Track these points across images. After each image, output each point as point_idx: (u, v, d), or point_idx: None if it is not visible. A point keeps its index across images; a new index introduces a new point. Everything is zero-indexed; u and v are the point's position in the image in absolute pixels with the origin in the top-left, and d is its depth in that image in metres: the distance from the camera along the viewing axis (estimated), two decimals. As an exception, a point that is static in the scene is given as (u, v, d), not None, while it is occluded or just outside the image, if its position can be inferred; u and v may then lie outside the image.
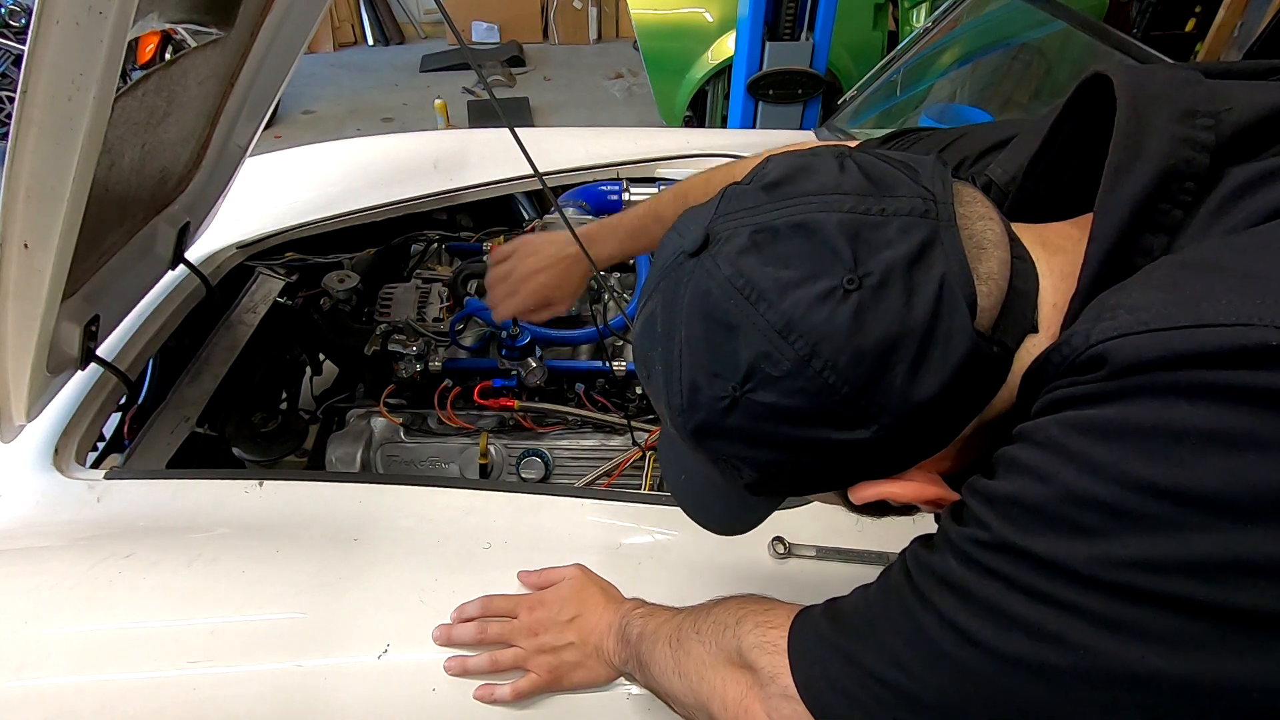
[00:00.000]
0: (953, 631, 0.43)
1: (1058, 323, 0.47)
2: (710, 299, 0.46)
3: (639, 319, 0.53)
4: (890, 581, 0.50)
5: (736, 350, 0.45)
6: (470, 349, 1.36)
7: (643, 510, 0.96)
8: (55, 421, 1.08)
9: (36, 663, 0.79)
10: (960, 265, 0.44)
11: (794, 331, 0.43)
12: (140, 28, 0.87)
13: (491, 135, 1.75)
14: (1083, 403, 0.39)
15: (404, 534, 0.92)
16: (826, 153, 0.50)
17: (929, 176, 0.47)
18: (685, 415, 0.49)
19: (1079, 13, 1.59)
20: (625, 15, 5.26)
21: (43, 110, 0.63)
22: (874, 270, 0.43)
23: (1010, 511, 0.41)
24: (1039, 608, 0.39)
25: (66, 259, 0.77)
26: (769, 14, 2.71)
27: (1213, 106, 0.45)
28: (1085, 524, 0.37)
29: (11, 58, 4.06)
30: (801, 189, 0.46)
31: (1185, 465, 0.35)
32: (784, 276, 0.44)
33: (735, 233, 0.46)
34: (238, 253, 1.46)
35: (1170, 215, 0.44)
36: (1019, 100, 1.99)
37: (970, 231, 0.46)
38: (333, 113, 5.05)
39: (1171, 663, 0.35)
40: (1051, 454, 0.39)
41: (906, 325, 0.42)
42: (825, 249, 0.44)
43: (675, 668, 0.68)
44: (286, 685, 0.80)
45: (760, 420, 0.46)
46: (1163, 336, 0.37)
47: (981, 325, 0.44)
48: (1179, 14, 3.97)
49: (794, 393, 0.44)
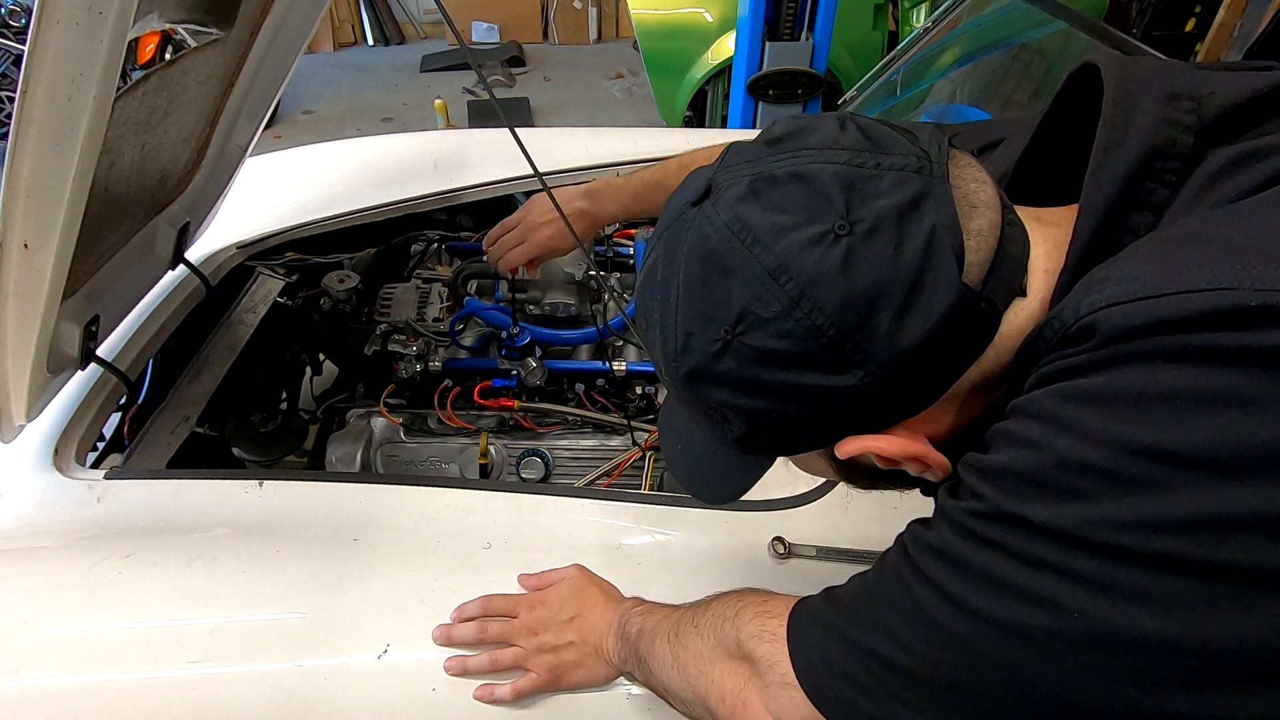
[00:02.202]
0: (948, 602, 0.43)
1: (1048, 289, 0.47)
2: (708, 244, 0.47)
3: (641, 273, 0.54)
4: (887, 561, 0.50)
5: (730, 293, 0.46)
6: (470, 349, 1.36)
7: (643, 510, 0.96)
8: (55, 421, 1.07)
9: (36, 663, 0.79)
10: (950, 219, 0.45)
11: (785, 273, 0.44)
12: (140, 28, 0.87)
13: (491, 135, 1.75)
14: (1074, 374, 0.40)
15: (404, 534, 0.92)
16: (829, 115, 0.51)
17: (926, 140, 0.48)
18: (679, 361, 0.50)
19: (1079, 13, 1.59)
20: (625, 15, 5.26)
21: (43, 110, 0.63)
22: (865, 218, 0.44)
23: (1005, 481, 0.41)
24: (1032, 573, 0.40)
25: (66, 259, 0.77)
26: (769, 14, 2.71)
27: (1196, 90, 0.47)
28: (1077, 488, 0.38)
29: (11, 58, 4.06)
30: (802, 143, 0.48)
31: (1170, 426, 0.36)
32: (779, 221, 0.45)
33: (735, 181, 0.48)
34: (238, 253, 1.46)
35: (1156, 194, 0.45)
36: (1019, 100, 1.99)
37: (964, 191, 0.47)
38: (333, 113, 5.05)
39: (1163, 624, 0.36)
40: (1044, 424, 0.40)
41: (894, 272, 0.44)
42: (820, 197, 0.45)
43: (674, 662, 0.68)
44: (286, 685, 0.80)
45: (750, 364, 0.47)
46: (1148, 304, 0.38)
47: (970, 279, 0.45)
48: (1179, 14, 3.97)
49: (783, 335, 0.45)
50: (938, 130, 0.50)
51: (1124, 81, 0.48)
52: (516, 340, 1.33)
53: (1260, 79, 0.47)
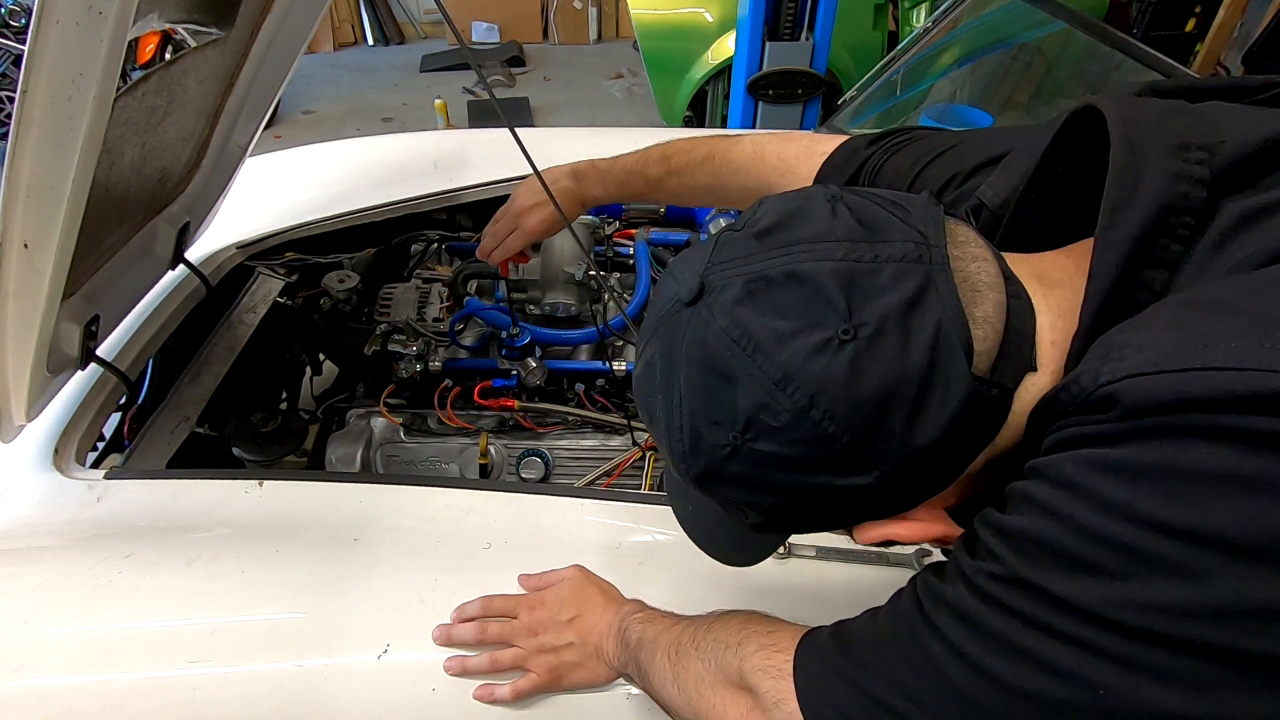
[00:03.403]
0: (964, 663, 0.43)
1: (1058, 360, 0.47)
2: (707, 348, 0.46)
3: (638, 364, 0.53)
4: (900, 609, 0.49)
5: (735, 400, 0.45)
6: (470, 349, 1.36)
7: (643, 510, 0.96)
8: (55, 421, 1.08)
9: (36, 663, 0.79)
10: (955, 310, 0.44)
11: (791, 383, 0.43)
12: (140, 28, 0.87)
13: (491, 135, 1.75)
14: (1096, 442, 0.39)
15: (404, 534, 0.92)
16: (819, 194, 0.49)
17: (921, 217, 0.47)
18: (688, 461, 0.49)
19: (1079, 13, 1.59)
20: (625, 15, 5.25)
21: (43, 110, 0.63)
22: (869, 319, 0.43)
23: (1024, 546, 0.41)
24: (1055, 644, 0.39)
25: (66, 259, 0.77)
26: (769, 14, 2.71)
27: (1206, 139, 0.45)
28: (1102, 563, 0.37)
29: (11, 58, 4.06)
30: (794, 236, 0.46)
31: (1202, 507, 0.35)
32: (780, 327, 0.44)
33: (729, 282, 0.46)
34: (238, 253, 1.46)
35: (1169, 250, 0.44)
36: (1019, 100, 1.99)
37: (965, 274, 0.46)
38: (333, 113, 5.05)
39: (1188, 704, 0.36)
40: (1065, 491, 0.39)
41: (903, 373, 0.43)
42: (819, 298, 0.44)
43: (673, 680, 0.67)
44: (286, 685, 0.80)
45: (762, 467, 0.46)
46: (1172, 378, 0.37)
47: (979, 369, 0.44)
48: (1179, 14, 3.98)
49: (794, 442, 0.44)
50: (932, 203, 0.49)
51: (1130, 131, 0.46)
52: (516, 340, 1.33)
53: (1272, 122, 0.46)
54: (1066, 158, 0.53)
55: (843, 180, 0.78)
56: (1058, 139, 0.53)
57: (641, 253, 1.51)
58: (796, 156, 0.86)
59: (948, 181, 0.66)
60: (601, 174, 1.07)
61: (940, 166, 0.68)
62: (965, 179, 0.65)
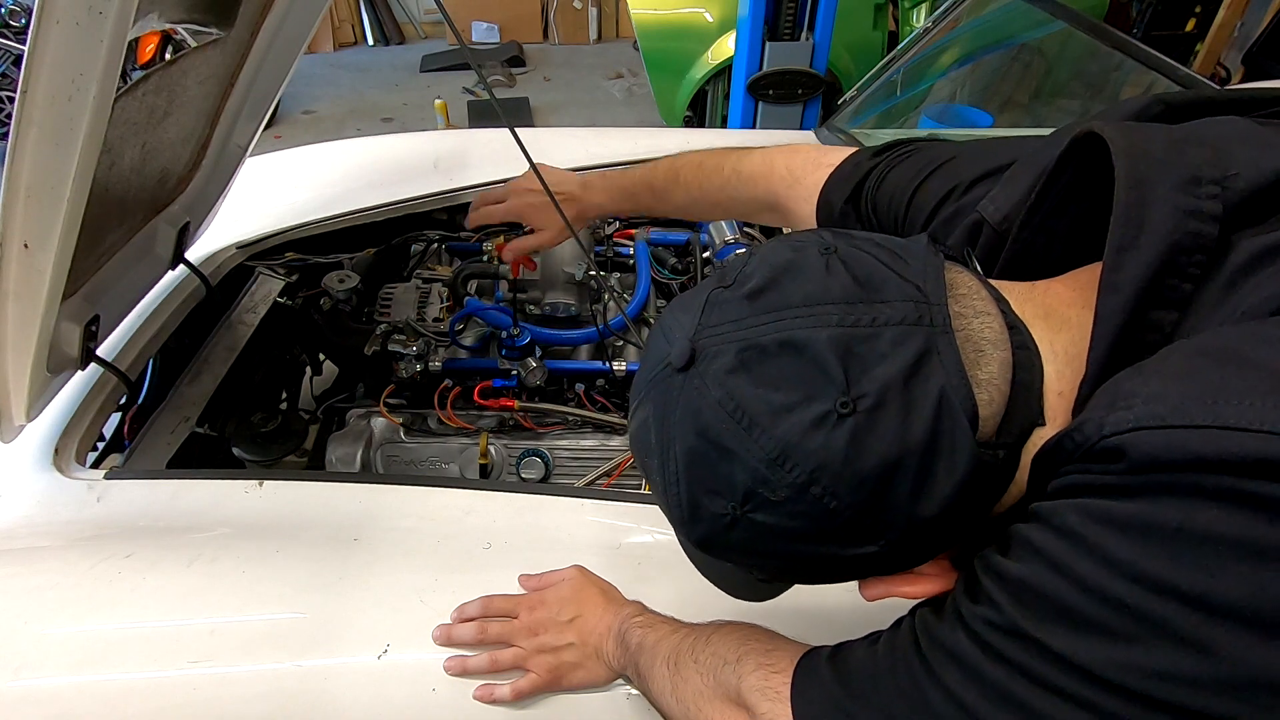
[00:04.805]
0: (960, 710, 0.42)
1: (1065, 412, 0.45)
2: (702, 419, 0.45)
3: (632, 422, 0.52)
4: (898, 643, 0.49)
5: (733, 473, 0.44)
6: (470, 349, 1.36)
7: (643, 510, 0.95)
8: (55, 421, 1.07)
9: (36, 663, 0.79)
10: (959, 375, 0.42)
11: (789, 459, 0.42)
12: (140, 28, 0.87)
13: (491, 135, 1.75)
14: (1101, 492, 0.38)
15: (404, 534, 0.92)
16: (812, 245, 0.47)
17: (919, 270, 0.46)
18: (688, 527, 0.49)
19: (1079, 13, 1.59)
20: (625, 15, 5.26)
21: (43, 110, 0.63)
22: (868, 390, 0.41)
23: (1024, 596, 0.40)
24: (1053, 700, 0.38)
25: (66, 259, 0.77)
26: (769, 14, 2.71)
27: (1217, 172, 0.43)
28: (1104, 623, 0.36)
29: (11, 58, 4.06)
30: (787, 299, 0.45)
31: (1209, 571, 0.34)
32: (775, 400, 0.43)
33: (722, 349, 0.45)
34: (238, 253, 1.46)
35: (1180, 290, 0.42)
36: (1019, 100, 1.99)
37: (968, 333, 0.44)
38: (333, 113, 5.05)
39: None
40: (1067, 542, 0.38)
41: (906, 446, 0.41)
42: (816, 369, 0.42)
43: (671, 690, 0.67)
44: (286, 685, 0.80)
45: (763, 538, 0.46)
46: (1180, 435, 0.35)
47: (984, 434, 0.43)
48: (1179, 14, 3.98)
49: (795, 515, 0.44)
50: (930, 251, 0.47)
51: (1136, 166, 0.44)
52: (516, 340, 1.33)
53: None
54: (1071, 181, 0.52)
55: (847, 191, 0.78)
56: (1062, 161, 0.51)
57: (641, 253, 1.51)
58: (803, 168, 0.87)
59: (948, 193, 0.66)
60: (607, 183, 1.07)
61: (940, 178, 0.67)
62: (965, 190, 0.64)
